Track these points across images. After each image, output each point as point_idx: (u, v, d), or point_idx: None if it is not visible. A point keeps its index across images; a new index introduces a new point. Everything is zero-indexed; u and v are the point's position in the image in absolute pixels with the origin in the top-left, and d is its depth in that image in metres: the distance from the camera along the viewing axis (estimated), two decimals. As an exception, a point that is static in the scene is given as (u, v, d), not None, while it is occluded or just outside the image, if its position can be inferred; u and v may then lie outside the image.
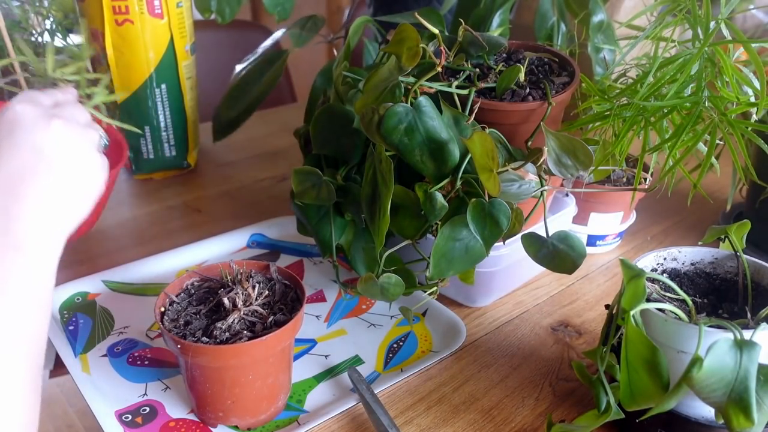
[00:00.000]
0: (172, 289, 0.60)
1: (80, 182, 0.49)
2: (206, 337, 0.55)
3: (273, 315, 0.57)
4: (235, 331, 0.55)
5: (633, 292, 0.49)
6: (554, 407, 0.62)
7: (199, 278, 0.62)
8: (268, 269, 0.62)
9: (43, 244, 0.45)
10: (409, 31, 0.58)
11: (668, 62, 0.60)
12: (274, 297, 0.59)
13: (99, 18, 0.93)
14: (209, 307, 0.58)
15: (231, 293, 0.57)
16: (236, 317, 0.56)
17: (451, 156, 0.58)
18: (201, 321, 0.57)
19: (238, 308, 0.56)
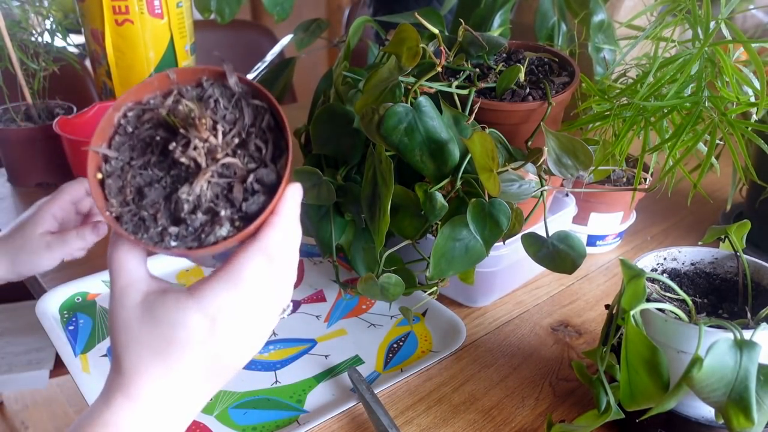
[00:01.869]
0: (102, 135, 0.39)
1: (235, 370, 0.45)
2: (173, 224, 0.39)
3: (251, 163, 0.40)
4: (207, 206, 0.39)
5: (633, 292, 0.49)
6: (554, 407, 0.62)
7: (132, 106, 0.41)
8: (225, 78, 0.41)
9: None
10: (409, 31, 0.58)
11: (668, 62, 0.60)
12: (242, 123, 0.40)
13: (99, 18, 0.93)
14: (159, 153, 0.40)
15: (186, 146, 0.39)
16: (203, 183, 0.39)
17: (451, 156, 0.58)
18: (157, 189, 0.40)
19: (203, 168, 0.39)
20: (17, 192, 1.04)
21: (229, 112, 0.40)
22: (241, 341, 0.43)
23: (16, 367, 1.16)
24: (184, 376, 0.42)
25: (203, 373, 0.43)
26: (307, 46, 0.92)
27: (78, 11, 0.98)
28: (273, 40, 1.86)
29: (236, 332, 0.42)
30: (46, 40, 1.02)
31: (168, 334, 0.41)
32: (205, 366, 0.42)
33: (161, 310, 0.41)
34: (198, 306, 0.40)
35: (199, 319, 0.40)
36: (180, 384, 0.42)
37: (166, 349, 0.41)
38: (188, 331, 0.41)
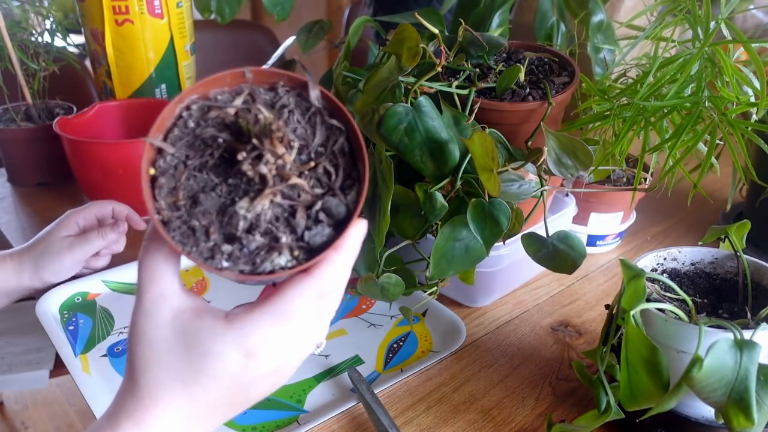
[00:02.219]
0: (160, 127, 0.36)
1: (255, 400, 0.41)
2: (227, 244, 0.35)
3: (317, 188, 0.36)
4: (267, 229, 0.35)
5: (633, 292, 0.49)
6: (554, 407, 0.62)
7: (201, 100, 0.37)
8: (306, 89, 0.37)
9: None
10: (409, 31, 0.58)
11: (668, 62, 0.60)
12: (314, 142, 0.37)
13: (99, 18, 0.93)
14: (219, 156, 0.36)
15: (258, 158, 0.35)
16: (266, 201, 0.35)
17: (451, 156, 0.58)
18: (212, 199, 0.36)
19: (269, 185, 0.35)
20: (17, 192, 1.04)
21: (301, 126, 0.37)
22: (273, 377, 0.40)
23: (16, 367, 1.16)
24: (205, 408, 0.39)
25: (225, 405, 0.40)
26: (311, 48, 0.92)
27: (78, 11, 0.98)
28: (273, 40, 1.86)
29: (271, 368, 0.39)
30: (46, 40, 1.02)
31: (198, 363, 0.38)
32: (229, 398, 0.39)
33: (195, 335, 0.38)
34: (237, 339, 0.37)
35: (235, 353, 0.37)
36: (198, 416, 0.39)
37: (192, 378, 0.38)
38: (222, 363, 0.37)
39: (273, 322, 0.37)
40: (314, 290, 0.37)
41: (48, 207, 0.99)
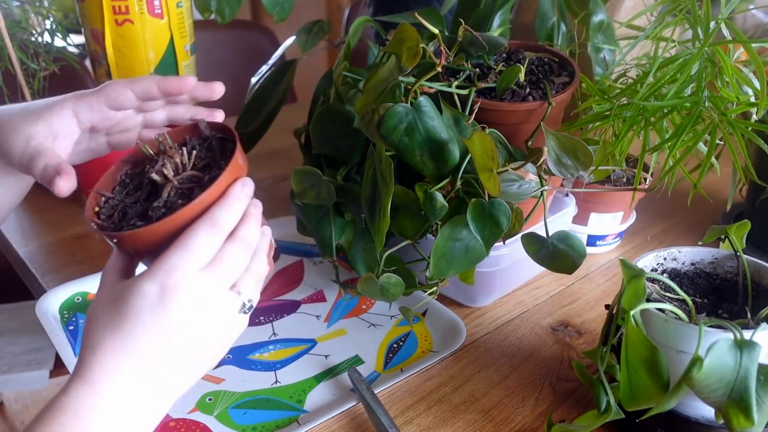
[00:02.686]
0: (104, 185, 0.50)
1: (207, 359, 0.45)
2: (142, 220, 0.46)
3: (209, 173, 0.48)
4: (171, 204, 0.46)
5: (633, 292, 0.49)
6: (554, 407, 0.62)
7: (131, 164, 0.52)
8: (198, 128, 0.52)
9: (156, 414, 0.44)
10: (409, 31, 0.58)
11: (668, 62, 0.60)
12: (213, 156, 0.50)
13: (99, 18, 0.93)
14: (147, 190, 0.49)
15: (158, 166, 0.48)
16: (170, 189, 0.47)
17: (451, 156, 0.58)
18: (137, 208, 0.48)
19: (170, 180, 0.47)
20: (17, 192, 1.04)
21: (204, 150, 0.50)
22: (197, 316, 0.43)
23: (16, 367, 1.16)
24: (139, 354, 0.41)
25: (159, 350, 0.42)
26: (311, 48, 0.92)
27: (78, 11, 0.98)
28: (273, 40, 1.86)
29: (188, 301, 0.42)
30: (46, 40, 1.02)
31: (121, 306, 0.42)
32: (159, 341, 0.42)
33: (120, 287, 0.43)
34: (150, 275, 0.42)
35: (149, 286, 0.41)
36: (135, 364, 0.41)
37: (119, 322, 0.41)
38: (138, 297, 0.41)
39: (175, 252, 0.42)
40: (207, 222, 0.43)
41: (48, 207, 0.99)
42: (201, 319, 0.43)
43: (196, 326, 0.43)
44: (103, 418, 0.41)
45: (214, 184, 0.45)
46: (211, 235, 0.43)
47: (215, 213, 0.44)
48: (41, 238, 0.90)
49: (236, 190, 0.46)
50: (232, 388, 0.64)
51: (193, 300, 0.42)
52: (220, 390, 0.64)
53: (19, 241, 0.89)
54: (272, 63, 0.96)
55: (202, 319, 0.43)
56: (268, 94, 0.93)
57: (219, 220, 0.44)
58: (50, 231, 0.92)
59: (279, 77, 0.93)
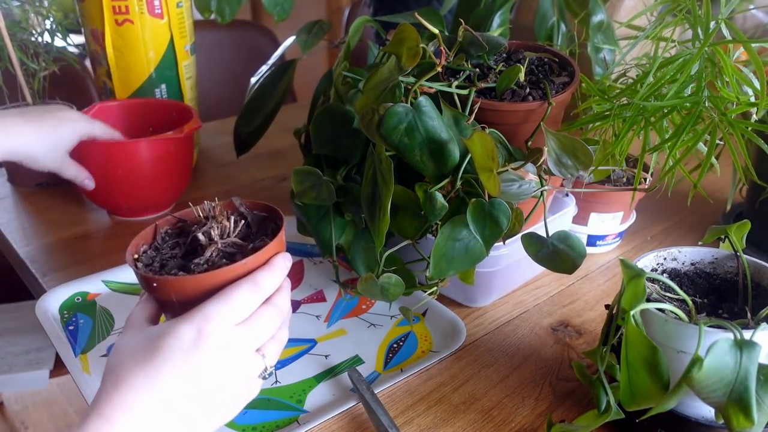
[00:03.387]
0: (145, 238, 0.54)
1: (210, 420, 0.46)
2: (183, 272, 0.49)
3: (252, 243, 0.52)
4: (214, 262, 0.50)
5: (633, 292, 0.49)
6: (554, 407, 0.62)
7: (173, 224, 0.56)
8: (232, 205, 0.56)
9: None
10: (409, 31, 0.58)
11: (668, 62, 0.60)
12: (251, 229, 0.55)
13: (99, 18, 0.93)
14: (185, 249, 0.53)
15: (205, 228, 0.52)
16: (214, 250, 0.50)
17: (451, 156, 0.58)
18: (177, 261, 0.51)
19: (215, 242, 0.51)
20: (17, 192, 1.04)
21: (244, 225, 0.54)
22: (224, 365, 0.44)
23: (16, 367, 1.16)
24: (162, 390, 0.42)
25: (182, 391, 0.42)
26: (311, 48, 0.92)
27: (78, 11, 0.98)
28: (273, 40, 1.86)
29: (220, 348, 0.44)
30: (46, 40, 1.02)
31: (155, 344, 0.43)
32: (185, 382, 0.42)
33: (156, 330, 0.45)
34: (187, 319, 0.44)
35: (186, 329, 0.43)
36: (156, 400, 0.42)
37: (150, 357, 0.42)
38: (173, 338, 0.43)
39: (216, 302, 0.45)
40: (249, 281, 0.47)
41: (48, 207, 0.99)
42: (226, 369, 0.45)
43: (221, 375, 0.45)
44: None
45: (262, 251, 0.49)
46: (252, 293, 0.47)
47: (259, 275, 0.48)
48: (41, 238, 0.90)
49: (280, 260, 0.50)
50: (232, 388, 0.64)
51: (224, 350, 0.44)
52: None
53: (19, 241, 0.89)
54: (272, 63, 0.96)
55: (227, 369, 0.45)
56: (267, 93, 0.93)
57: (261, 283, 0.47)
58: (50, 231, 0.92)
59: (279, 77, 0.93)
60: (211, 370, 0.44)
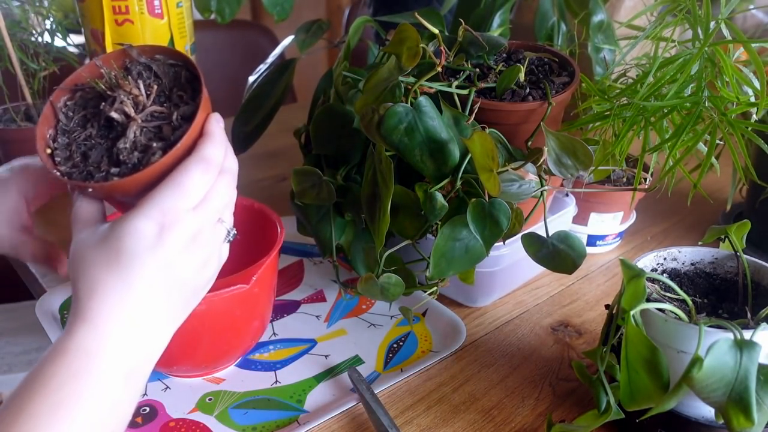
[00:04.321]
0: (47, 121, 0.47)
1: (201, 291, 0.47)
2: (115, 167, 0.44)
3: (176, 108, 0.46)
4: (142, 145, 0.45)
5: (633, 292, 0.49)
6: (554, 407, 0.62)
7: (69, 94, 0.49)
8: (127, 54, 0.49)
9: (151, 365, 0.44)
10: (409, 31, 0.58)
11: (668, 62, 0.60)
12: (165, 84, 0.48)
13: (99, 18, 0.93)
14: (99, 127, 0.46)
15: (116, 103, 0.45)
16: (135, 129, 0.45)
17: (451, 156, 0.58)
18: (99, 149, 0.46)
19: (134, 119, 0.45)
20: (17, 192, 1.04)
21: (152, 79, 0.48)
22: (193, 250, 0.44)
23: (16, 367, 1.16)
24: (141, 289, 0.42)
25: (161, 286, 0.43)
26: (309, 47, 0.92)
27: (78, 11, 0.98)
28: (273, 40, 1.86)
29: (185, 238, 0.43)
30: (46, 40, 1.02)
31: (116, 246, 0.42)
32: (161, 277, 0.43)
33: (110, 229, 0.43)
34: (143, 213, 0.42)
35: (145, 225, 0.42)
36: (138, 298, 0.42)
37: (116, 260, 0.42)
38: (134, 237, 0.42)
39: (169, 191, 0.42)
40: (197, 161, 0.43)
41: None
42: (196, 253, 0.44)
43: (192, 260, 0.44)
44: (109, 355, 0.41)
45: (193, 124, 0.44)
46: (205, 173, 0.44)
47: (205, 151, 0.44)
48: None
49: (214, 124, 0.46)
50: (232, 388, 0.64)
51: (189, 236, 0.44)
52: (220, 390, 0.64)
53: (19, 241, 0.89)
54: (271, 62, 0.96)
55: (197, 252, 0.45)
56: (266, 93, 0.93)
57: (210, 158, 0.44)
58: (50, 231, 0.92)
59: (278, 76, 0.93)
60: (181, 258, 0.43)
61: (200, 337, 0.60)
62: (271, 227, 0.66)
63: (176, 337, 0.58)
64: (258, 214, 0.69)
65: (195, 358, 0.62)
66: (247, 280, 0.58)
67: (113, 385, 0.41)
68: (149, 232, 0.42)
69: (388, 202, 0.57)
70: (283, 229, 0.65)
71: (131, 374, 0.42)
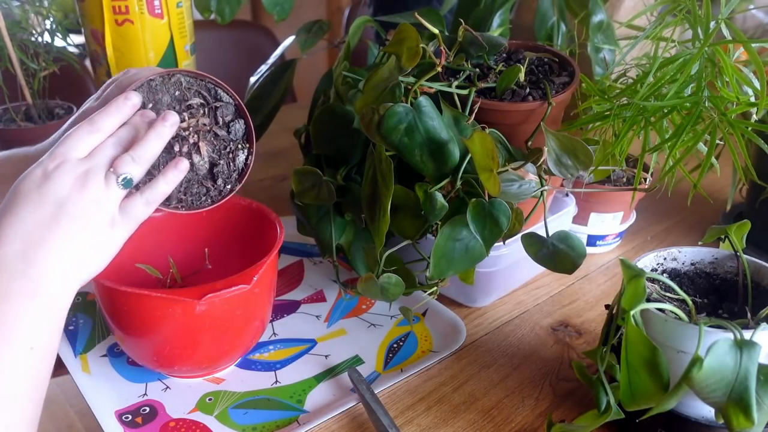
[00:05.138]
0: None
1: (99, 233, 0.49)
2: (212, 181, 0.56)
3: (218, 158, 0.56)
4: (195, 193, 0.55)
5: (633, 292, 0.49)
6: (554, 407, 0.62)
7: None
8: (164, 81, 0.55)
9: (58, 291, 0.47)
10: (409, 31, 0.58)
11: (668, 62, 0.60)
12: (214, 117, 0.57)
13: (99, 18, 0.93)
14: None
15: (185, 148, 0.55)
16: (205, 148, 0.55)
17: (451, 156, 0.58)
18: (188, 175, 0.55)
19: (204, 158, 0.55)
20: (17, 192, 1.04)
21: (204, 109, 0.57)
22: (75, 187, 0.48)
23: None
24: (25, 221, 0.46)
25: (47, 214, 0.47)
26: (310, 48, 0.92)
27: (78, 11, 0.98)
28: (273, 40, 1.86)
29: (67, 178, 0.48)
30: (46, 40, 1.02)
31: (14, 190, 0.48)
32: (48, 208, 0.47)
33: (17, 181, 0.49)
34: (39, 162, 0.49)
35: (35, 170, 0.48)
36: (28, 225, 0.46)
37: (12, 201, 0.47)
38: (27, 181, 0.48)
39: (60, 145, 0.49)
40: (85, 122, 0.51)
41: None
42: (81, 190, 0.48)
43: (77, 196, 0.48)
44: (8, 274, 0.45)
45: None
46: (89, 133, 0.50)
47: (96, 117, 0.51)
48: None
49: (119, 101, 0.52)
50: (232, 388, 0.64)
51: (72, 176, 0.48)
52: (220, 390, 0.64)
53: (19, 241, 0.89)
54: (271, 62, 0.96)
55: (82, 190, 0.48)
56: (267, 93, 0.93)
57: (98, 124, 0.50)
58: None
59: (278, 77, 0.93)
60: (64, 193, 0.47)
61: (200, 337, 0.60)
62: (271, 227, 0.66)
63: (176, 338, 0.58)
64: (257, 214, 0.69)
65: (195, 358, 0.62)
66: (248, 280, 0.58)
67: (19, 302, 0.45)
68: (38, 175, 0.48)
69: (388, 202, 0.57)
70: (283, 229, 0.65)
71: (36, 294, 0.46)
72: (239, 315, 0.61)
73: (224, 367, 0.66)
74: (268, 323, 0.71)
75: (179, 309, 0.57)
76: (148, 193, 0.51)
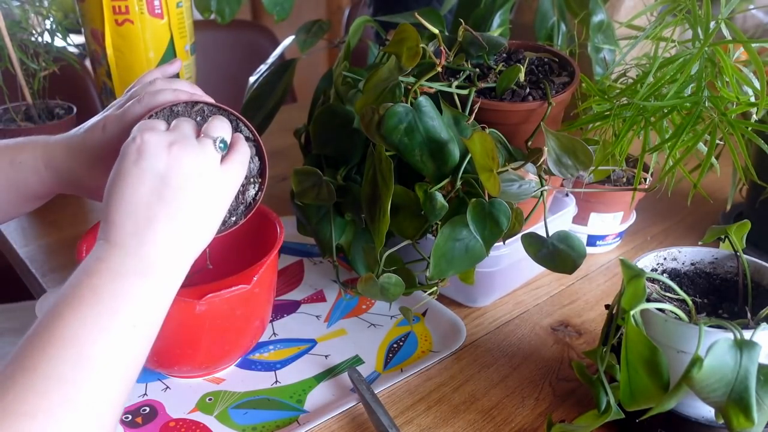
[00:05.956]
0: None
1: (205, 203, 0.49)
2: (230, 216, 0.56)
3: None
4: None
5: (633, 292, 0.49)
6: (554, 407, 0.62)
7: None
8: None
9: (170, 269, 0.47)
10: (409, 31, 0.58)
11: (668, 62, 0.60)
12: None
13: (99, 18, 0.93)
14: None
15: None
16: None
17: (451, 156, 0.58)
18: None
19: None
20: (17, 192, 1.04)
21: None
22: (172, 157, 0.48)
23: (16, 367, 1.15)
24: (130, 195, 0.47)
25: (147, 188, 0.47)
26: (310, 48, 0.92)
27: (78, 11, 0.98)
28: (273, 40, 1.86)
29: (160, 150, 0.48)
30: (46, 40, 1.02)
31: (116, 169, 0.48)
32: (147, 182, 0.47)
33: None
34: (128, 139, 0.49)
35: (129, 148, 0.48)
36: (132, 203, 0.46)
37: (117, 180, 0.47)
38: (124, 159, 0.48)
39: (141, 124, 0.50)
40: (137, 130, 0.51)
41: (48, 207, 0.99)
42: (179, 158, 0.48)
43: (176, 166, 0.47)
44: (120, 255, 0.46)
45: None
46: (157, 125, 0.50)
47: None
48: (41, 238, 0.90)
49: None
50: (232, 388, 0.64)
51: (164, 146, 0.48)
52: (220, 390, 0.64)
53: (19, 241, 0.89)
54: (271, 62, 0.96)
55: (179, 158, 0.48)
56: (266, 93, 0.93)
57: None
58: (50, 231, 0.92)
59: (278, 77, 0.93)
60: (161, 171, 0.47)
61: (200, 337, 0.60)
62: (271, 227, 0.66)
63: (176, 337, 0.58)
64: (257, 214, 0.69)
65: (195, 358, 0.62)
66: (248, 280, 0.58)
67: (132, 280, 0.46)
68: (132, 151, 0.47)
69: (388, 202, 0.57)
70: (283, 229, 0.65)
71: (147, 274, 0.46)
72: (239, 315, 0.61)
73: (224, 367, 0.66)
74: (268, 323, 0.71)
75: (179, 309, 0.57)
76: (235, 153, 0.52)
